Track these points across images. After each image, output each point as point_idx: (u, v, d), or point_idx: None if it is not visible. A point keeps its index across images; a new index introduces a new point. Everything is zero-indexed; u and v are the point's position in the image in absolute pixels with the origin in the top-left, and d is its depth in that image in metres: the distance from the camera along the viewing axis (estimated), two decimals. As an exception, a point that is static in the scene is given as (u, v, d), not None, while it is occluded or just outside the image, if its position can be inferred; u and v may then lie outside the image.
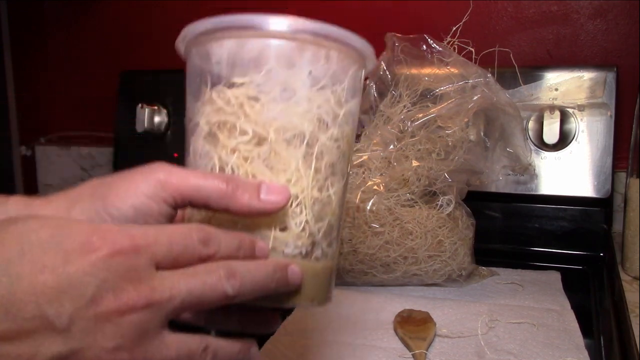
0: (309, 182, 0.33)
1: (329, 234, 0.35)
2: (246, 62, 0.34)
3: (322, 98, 0.34)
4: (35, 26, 1.24)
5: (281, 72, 0.33)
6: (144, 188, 0.30)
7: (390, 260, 0.67)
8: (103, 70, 1.20)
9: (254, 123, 0.33)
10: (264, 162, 0.33)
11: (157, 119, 1.02)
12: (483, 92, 0.66)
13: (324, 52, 0.34)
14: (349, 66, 0.36)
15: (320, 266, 0.35)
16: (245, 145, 0.33)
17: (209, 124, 0.34)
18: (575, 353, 0.53)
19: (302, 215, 0.33)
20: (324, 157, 0.34)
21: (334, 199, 0.35)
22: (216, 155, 0.33)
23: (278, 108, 0.33)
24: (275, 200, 0.31)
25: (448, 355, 0.54)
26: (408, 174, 0.68)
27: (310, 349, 0.56)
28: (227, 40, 0.34)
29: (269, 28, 0.33)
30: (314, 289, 0.35)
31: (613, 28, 0.89)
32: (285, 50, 0.34)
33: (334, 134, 0.35)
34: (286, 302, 0.34)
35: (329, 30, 0.34)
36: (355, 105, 0.37)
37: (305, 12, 1.11)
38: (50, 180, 1.29)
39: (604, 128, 0.80)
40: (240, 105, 0.33)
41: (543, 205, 0.86)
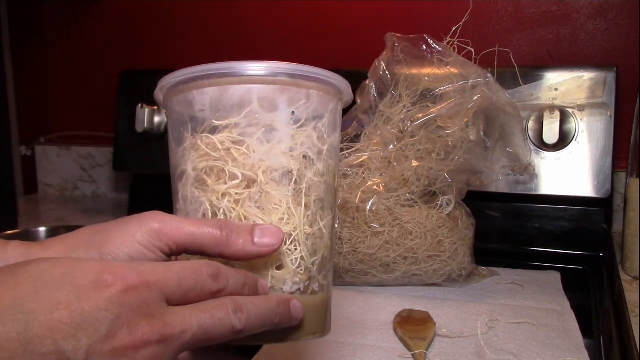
0: (300, 219, 0.34)
1: (324, 266, 0.36)
2: (229, 107, 0.35)
3: (305, 135, 0.35)
4: (35, 26, 1.24)
5: (264, 115, 0.34)
6: (139, 237, 0.30)
7: (390, 260, 0.67)
8: (103, 70, 1.20)
9: (242, 166, 0.34)
10: (255, 203, 0.34)
11: (157, 119, 1.02)
12: (483, 92, 0.66)
13: (304, 92, 0.36)
14: (328, 102, 0.37)
15: (318, 300, 0.36)
16: (236, 189, 0.34)
17: (196, 170, 0.35)
18: (575, 353, 0.53)
19: (296, 252, 0.34)
20: (312, 193, 0.35)
21: (325, 232, 0.36)
22: (207, 200, 0.34)
23: (264, 149, 0.34)
24: (269, 242, 0.32)
25: (448, 355, 0.54)
26: (408, 174, 0.68)
27: (310, 349, 0.56)
28: (209, 88, 0.35)
29: (249, 73, 0.34)
30: (314, 322, 0.35)
31: (613, 28, 0.89)
32: (267, 94, 0.35)
33: (319, 169, 0.36)
34: (289, 338, 0.34)
35: (307, 71, 0.35)
36: (336, 139, 0.38)
37: (307, 14, 1.11)
38: (50, 180, 1.29)
39: (603, 128, 0.80)
40: (227, 149, 0.34)
41: (543, 205, 0.86)
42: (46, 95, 1.27)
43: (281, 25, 1.06)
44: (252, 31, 1.08)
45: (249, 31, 1.08)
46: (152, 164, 1.04)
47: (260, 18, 1.07)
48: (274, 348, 0.55)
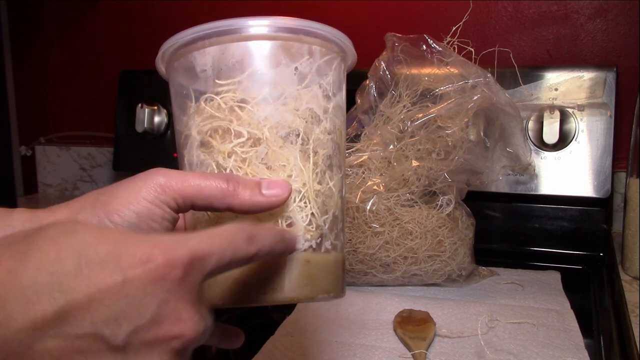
0: (309, 175, 0.34)
1: (335, 225, 0.36)
2: (231, 67, 0.34)
3: (311, 93, 0.35)
4: (35, 26, 1.24)
5: (267, 72, 0.34)
6: (144, 193, 0.30)
7: (390, 260, 0.67)
8: (103, 70, 1.20)
9: (248, 124, 0.33)
10: (262, 161, 0.33)
11: (157, 119, 1.02)
12: (483, 92, 0.66)
13: (307, 47, 0.35)
14: (332, 60, 0.37)
15: (331, 258, 0.35)
16: (242, 148, 0.33)
17: (201, 133, 0.34)
18: (575, 353, 0.53)
19: (306, 208, 0.34)
20: (319, 151, 0.35)
21: (335, 191, 0.36)
22: (213, 161, 0.34)
23: (269, 107, 0.33)
24: (277, 193, 0.31)
25: (448, 355, 0.54)
26: (408, 174, 0.68)
27: (310, 349, 0.56)
28: (210, 48, 0.34)
29: (249, 31, 0.34)
30: (328, 281, 0.35)
31: (613, 28, 0.89)
32: (269, 50, 0.34)
33: (326, 127, 0.35)
34: (305, 297, 0.34)
35: (309, 26, 0.35)
36: (342, 98, 0.38)
37: (305, 12, 1.11)
38: (50, 180, 1.29)
39: (603, 128, 0.80)
40: (231, 109, 0.33)
41: (543, 205, 0.86)
42: (46, 95, 1.27)
43: (281, 25, 1.06)
44: (252, 31, 1.08)
45: (249, 31, 1.08)
46: (152, 164, 1.04)
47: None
48: (274, 348, 0.55)
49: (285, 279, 0.33)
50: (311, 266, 0.34)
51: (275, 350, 0.55)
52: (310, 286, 0.33)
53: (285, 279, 0.33)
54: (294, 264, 0.33)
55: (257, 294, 0.32)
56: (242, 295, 0.32)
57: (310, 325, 0.60)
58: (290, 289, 0.33)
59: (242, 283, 0.32)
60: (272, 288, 0.32)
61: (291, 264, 0.33)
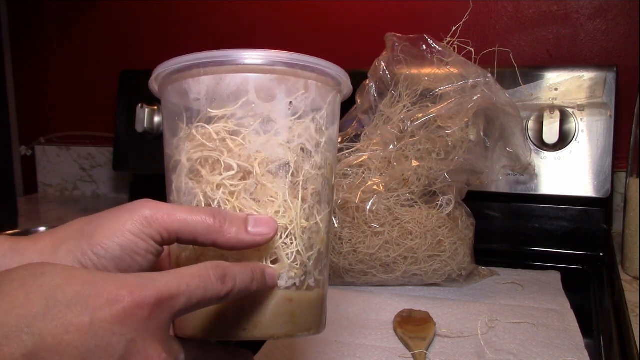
0: (297, 212, 0.33)
1: (320, 262, 0.35)
2: (225, 97, 0.34)
3: (303, 127, 0.34)
4: (35, 26, 1.24)
5: (261, 105, 0.33)
6: (130, 226, 0.29)
7: (390, 260, 0.67)
8: (103, 70, 1.20)
9: (238, 157, 0.33)
10: (250, 195, 0.33)
11: (157, 119, 1.02)
12: (483, 92, 0.66)
13: (303, 82, 0.35)
14: (327, 93, 0.36)
15: (314, 296, 0.35)
16: (231, 181, 0.33)
17: (191, 161, 0.34)
18: (575, 353, 0.53)
19: (292, 245, 0.33)
20: (309, 186, 0.34)
21: (322, 227, 0.35)
22: (201, 191, 0.33)
23: (260, 140, 0.33)
24: (263, 232, 0.31)
25: (448, 355, 0.54)
26: (408, 174, 0.68)
27: (310, 349, 0.56)
28: (205, 77, 0.34)
29: (246, 62, 0.33)
30: (309, 318, 0.35)
31: (613, 28, 0.89)
32: (265, 83, 0.34)
33: (317, 162, 0.35)
34: (284, 334, 0.33)
35: (306, 61, 0.34)
36: (335, 131, 0.37)
37: (307, 14, 1.11)
38: (50, 180, 1.29)
39: (604, 128, 0.80)
40: (222, 140, 0.33)
41: (543, 205, 0.86)
42: (46, 95, 1.27)
43: (281, 26, 1.06)
44: (251, 31, 1.08)
45: (249, 31, 1.08)
46: (152, 164, 1.04)
47: (260, 18, 1.07)
48: (274, 348, 0.55)
49: (266, 316, 0.33)
50: (293, 304, 0.33)
51: (275, 350, 0.55)
52: (290, 324, 0.33)
53: (266, 316, 0.33)
54: (276, 301, 0.33)
55: (237, 330, 0.32)
56: (222, 329, 0.32)
57: (310, 325, 0.60)
58: (271, 326, 0.33)
59: (223, 317, 0.32)
60: (252, 324, 0.32)
61: (273, 301, 0.33)
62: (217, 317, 0.32)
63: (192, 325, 0.33)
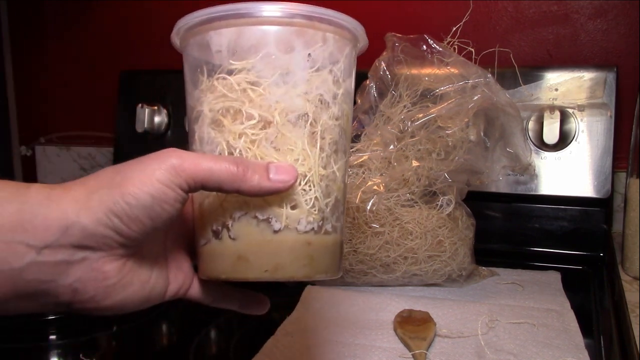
0: (315, 160, 0.35)
1: (337, 208, 0.37)
2: (246, 49, 0.35)
3: (321, 79, 0.36)
4: (35, 26, 1.24)
5: (281, 57, 0.35)
6: (159, 175, 0.31)
7: (390, 260, 0.67)
8: (103, 70, 1.20)
9: (259, 107, 0.34)
10: (271, 144, 0.34)
11: (157, 119, 1.02)
12: (483, 92, 0.66)
13: (321, 34, 0.36)
14: (344, 46, 0.37)
15: (330, 240, 0.36)
16: (252, 130, 0.34)
17: (213, 111, 0.35)
18: (575, 353, 0.53)
19: (311, 192, 0.35)
20: (326, 136, 0.36)
21: (339, 175, 0.37)
22: (223, 140, 0.35)
23: (280, 91, 0.34)
24: (284, 179, 0.33)
25: (448, 355, 0.54)
26: (408, 174, 0.68)
27: (310, 349, 0.56)
28: (226, 29, 0.35)
29: (266, 15, 0.34)
30: (327, 262, 0.36)
31: (613, 28, 0.89)
32: (284, 35, 0.35)
33: (334, 112, 0.36)
34: (303, 275, 0.35)
35: (324, 13, 0.35)
36: (351, 84, 0.39)
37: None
38: (50, 180, 1.29)
39: (604, 128, 0.80)
40: (244, 90, 0.34)
41: (543, 205, 0.86)
42: (46, 95, 1.26)
43: (281, 25, 1.06)
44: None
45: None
46: (152, 164, 1.04)
47: (260, 18, 1.07)
48: (274, 348, 0.55)
49: (286, 258, 0.34)
50: (311, 247, 0.35)
51: (275, 350, 0.55)
52: (309, 266, 0.35)
53: (286, 258, 0.34)
54: (295, 244, 0.34)
55: (258, 271, 0.34)
56: (244, 271, 0.34)
57: (310, 325, 0.61)
58: (291, 268, 0.34)
59: (245, 260, 0.34)
60: (273, 266, 0.34)
61: (292, 244, 0.34)
62: (239, 260, 0.34)
63: (216, 268, 0.35)
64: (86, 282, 0.31)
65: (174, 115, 1.03)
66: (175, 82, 1.04)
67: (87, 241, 0.31)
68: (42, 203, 0.30)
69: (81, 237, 0.30)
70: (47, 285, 0.31)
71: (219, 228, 0.35)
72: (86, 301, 0.32)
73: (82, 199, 0.31)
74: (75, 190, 0.31)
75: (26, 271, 0.30)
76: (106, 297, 0.33)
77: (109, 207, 0.30)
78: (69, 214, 0.30)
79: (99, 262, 0.31)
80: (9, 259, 0.29)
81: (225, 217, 0.35)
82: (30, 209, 0.30)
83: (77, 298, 0.32)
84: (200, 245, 0.37)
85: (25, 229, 0.29)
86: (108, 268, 0.32)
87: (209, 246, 0.36)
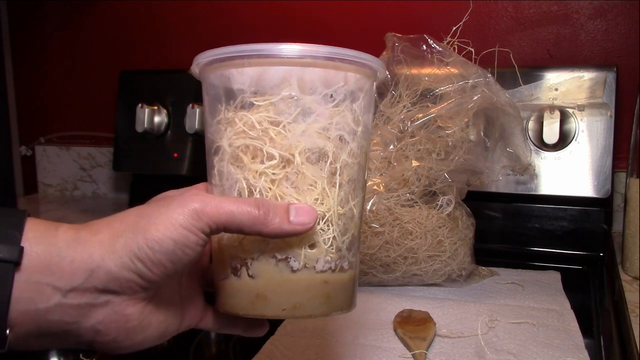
0: (334, 199, 0.35)
1: (353, 245, 0.37)
2: (268, 88, 0.35)
3: (342, 118, 0.36)
4: (35, 26, 1.24)
5: (302, 97, 0.35)
6: (181, 220, 0.31)
7: (390, 260, 0.67)
8: (103, 70, 1.20)
9: (280, 147, 0.34)
10: (291, 184, 0.34)
11: (157, 119, 1.02)
12: (483, 92, 0.66)
13: (342, 74, 0.36)
14: (364, 83, 0.38)
15: (347, 277, 0.37)
16: (273, 169, 0.34)
17: (232, 147, 0.35)
18: (575, 353, 0.53)
19: (329, 231, 0.35)
20: (345, 174, 0.36)
21: (356, 212, 0.37)
22: (243, 178, 0.35)
23: (300, 130, 0.35)
24: (304, 221, 0.33)
25: (448, 355, 0.54)
26: (408, 174, 0.68)
27: (310, 349, 0.56)
28: (248, 68, 0.35)
29: (290, 55, 0.35)
30: (342, 299, 0.37)
31: (613, 28, 0.89)
32: (306, 76, 0.35)
33: (353, 150, 0.36)
34: (319, 313, 0.35)
35: (345, 54, 0.36)
36: (369, 119, 0.39)
37: (307, 14, 1.11)
38: (50, 180, 1.29)
39: (604, 128, 0.80)
40: (265, 130, 0.34)
41: (543, 205, 0.86)
42: (46, 95, 1.26)
43: (280, 25, 1.06)
44: (251, 31, 1.08)
45: (248, 31, 1.08)
46: (152, 164, 1.04)
47: (259, 18, 1.07)
48: (274, 348, 0.55)
49: (303, 297, 0.35)
50: (329, 286, 0.35)
51: (275, 350, 0.55)
52: (326, 304, 0.35)
53: (303, 297, 0.35)
54: (313, 284, 0.35)
55: (276, 310, 0.35)
56: (262, 308, 0.35)
57: (310, 325, 0.60)
58: (308, 307, 0.35)
59: (263, 298, 0.34)
60: (291, 305, 0.34)
61: (310, 283, 0.35)
62: (258, 298, 0.35)
63: (234, 304, 0.36)
64: (108, 324, 0.32)
65: (174, 115, 1.03)
66: (175, 82, 1.04)
67: (111, 285, 0.31)
68: (70, 245, 0.31)
69: (106, 280, 0.31)
70: (70, 326, 0.32)
71: (238, 265, 0.35)
72: (107, 342, 0.33)
73: (107, 243, 0.31)
74: (101, 233, 0.32)
75: (51, 312, 0.31)
76: (127, 338, 0.33)
77: (133, 251, 0.31)
78: (95, 258, 0.31)
79: (122, 305, 0.32)
80: (36, 299, 0.30)
81: (244, 255, 0.35)
82: (58, 251, 0.31)
83: (99, 339, 0.33)
84: (218, 279, 0.37)
85: (53, 271, 0.30)
86: (130, 311, 0.33)
87: (227, 282, 0.36)
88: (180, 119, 1.01)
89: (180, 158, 1.02)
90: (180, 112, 1.01)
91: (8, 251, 0.29)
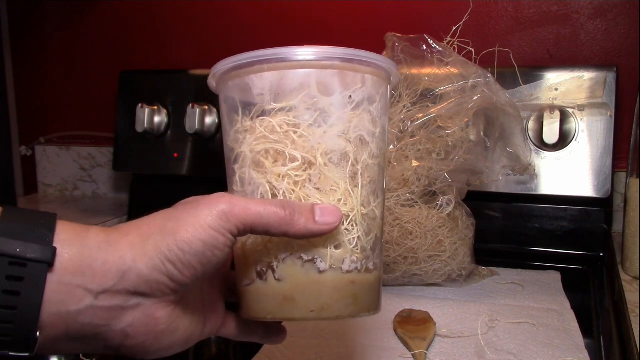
0: (357, 200, 0.35)
1: (377, 245, 0.37)
2: (288, 92, 0.35)
3: (361, 119, 0.36)
4: (35, 26, 1.24)
5: (322, 98, 0.35)
6: (210, 221, 0.31)
7: (390, 260, 0.67)
8: (103, 70, 1.20)
9: (302, 149, 0.35)
10: (314, 185, 0.35)
11: (157, 119, 1.02)
12: (483, 92, 0.66)
13: (360, 76, 0.36)
14: (380, 86, 0.38)
15: (373, 277, 0.37)
16: (295, 171, 0.35)
17: (254, 152, 0.36)
18: (575, 353, 0.53)
19: (353, 232, 0.35)
20: (366, 175, 0.36)
21: (378, 213, 0.37)
22: (266, 182, 0.35)
23: (320, 132, 0.35)
24: (329, 221, 0.33)
25: (448, 355, 0.54)
26: (408, 174, 0.68)
27: (310, 349, 0.56)
28: (268, 73, 0.36)
29: (308, 58, 0.35)
30: (370, 299, 0.37)
31: (613, 28, 0.89)
32: (325, 78, 0.36)
33: (373, 151, 0.37)
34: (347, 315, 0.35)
35: (363, 56, 0.36)
36: (386, 121, 0.39)
37: (307, 14, 1.11)
38: (50, 180, 1.29)
39: (604, 128, 0.80)
40: (286, 133, 0.35)
41: (543, 205, 0.86)
42: (46, 95, 1.26)
43: (281, 25, 1.06)
44: (251, 31, 1.08)
45: (248, 31, 1.08)
46: (152, 164, 1.04)
47: (259, 18, 1.07)
48: (274, 349, 0.55)
49: (331, 298, 0.35)
50: (356, 286, 0.35)
51: (275, 350, 0.55)
52: (353, 305, 0.35)
53: (331, 298, 0.35)
54: (340, 284, 0.35)
55: (305, 312, 0.34)
56: (290, 311, 0.35)
57: (310, 325, 0.60)
58: (336, 308, 0.35)
59: (291, 300, 0.34)
60: (319, 306, 0.34)
61: (337, 284, 0.35)
62: (286, 301, 0.34)
63: (262, 309, 0.36)
64: (138, 327, 0.32)
65: (174, 115, 1.03)
66: (175, 82, 1.04)
67: (142, 287, 0.31)
68: (101, 247, 0.31)
69: (137, 282, 0.31)
70: (100, 329, 0.31)
71: (264, 269, 0.35)
72: (135, 346, 0.33)
73: (138, 245, 0.31)
74: (131, 235, 0.32)
75: (82, 315, 0.30)
76: (155, 342, 0.33)
77: (164, 253, 0.31)
78: (127, 260, 0.31)
79: (152, 308, 0.32)
80: (67, 301, 0.30)
81: (270, 258, 0.35)
82: (90, 252, 0.30)
83: (127, 343, 0.32)
84: (242, 285, 0.37)
85: (84, 273, 0.30)
86: (159, 314, 0.33)
87: (253, 287, 0.36)
88: (180, 119, 1.01)
89: (180, 158, 1.02)
90: (180, 112, 1.01)
91: (41, 251, 0.29)
